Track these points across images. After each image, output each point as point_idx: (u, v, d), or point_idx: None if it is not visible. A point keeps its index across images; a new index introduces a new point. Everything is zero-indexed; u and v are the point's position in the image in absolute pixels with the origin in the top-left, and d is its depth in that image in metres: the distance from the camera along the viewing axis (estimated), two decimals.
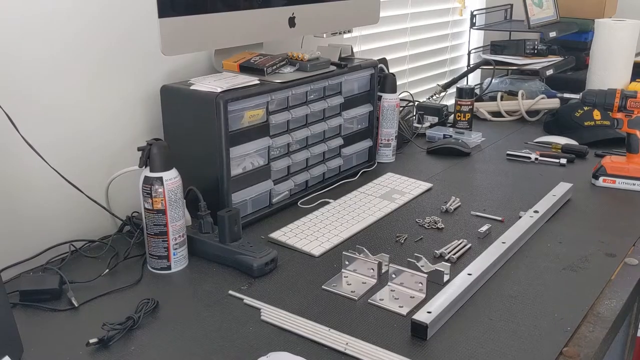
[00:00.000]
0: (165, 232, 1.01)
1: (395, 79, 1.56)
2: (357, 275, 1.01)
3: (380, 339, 0.84)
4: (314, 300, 0.94)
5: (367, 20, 1.56)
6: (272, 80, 1.20)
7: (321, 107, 1.32)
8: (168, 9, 1.06)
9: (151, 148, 0.99)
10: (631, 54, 2.01)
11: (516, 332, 0.86)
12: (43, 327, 0.88)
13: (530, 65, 2.10)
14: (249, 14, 1.21)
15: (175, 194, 1.01)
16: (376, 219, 1.22)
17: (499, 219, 1.22)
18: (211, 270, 1.04)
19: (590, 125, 1.70)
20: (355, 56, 1.48)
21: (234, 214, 1.04)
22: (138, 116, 1.21)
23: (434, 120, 1.81)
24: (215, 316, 0.90)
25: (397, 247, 1.12)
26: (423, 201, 1.32)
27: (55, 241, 1.08)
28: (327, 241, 1.12)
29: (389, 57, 1.87)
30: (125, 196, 1.19)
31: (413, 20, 2.11)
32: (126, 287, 0.98)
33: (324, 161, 1.39)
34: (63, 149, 1.10)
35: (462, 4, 2.35)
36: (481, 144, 1.70)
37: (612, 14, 2.36)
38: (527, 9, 2.12)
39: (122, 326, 0.85)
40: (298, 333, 0.85)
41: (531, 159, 1.56)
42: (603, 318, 0.90)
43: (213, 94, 1.10)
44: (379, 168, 1.52)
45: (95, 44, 1.11)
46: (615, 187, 1.36)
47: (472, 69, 2.11)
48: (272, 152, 1.24)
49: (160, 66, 1.23)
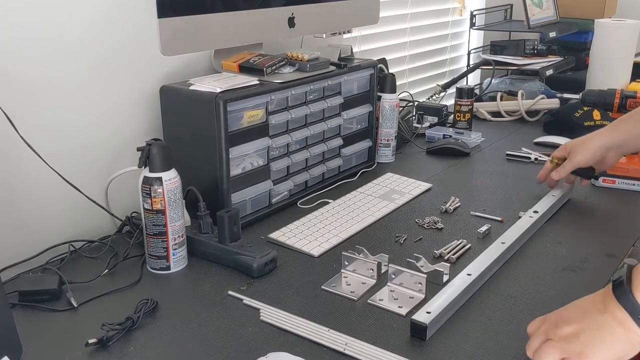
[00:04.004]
0: (164, 232, 1.01)
1: (394, 79, 1.56)
2: (356, 276, 1.01)
3: (379, 339, 0.84)
4: (314, 300, 0.94)
5: (366, 21, 1.56)
6: (271, 81, 1.20)
7: (321, 107, 1.32)
8: (167, 9, 1.06)
9: (150, 148, 0.99)
10: (631, 54, 2.01)
11: (516, 333, 0.86)
12: (42, 328, 0.88)
13: (530, 65, 2.10)
14: (249, 14, 1.21)
15: (175, 194, 1.01)
16: (376, 219, 1.22)
17: (498, 219, 1.22)
18: (210, 271, 1.04)
19: (590, 125, 1.70)
20: (354, 56, 1.48)
21: (233, 214, 1.04)
22: (137, 116, 1.21)
23: (434, 121, 1.81)
24: (214, 316, 0.90)
25: (396, 248, 1.11)
26: (422, 201, 1.32)
27: (55, 241, 1.08)
28: (327, 241, 1.12)
29: (388, 57, 1.87)
30: (125, 196, 1.19)
31: (413, 20, 2.11)
32: (125, 287, 0.98)
33: (323, 161, 1.38)
34: (62, 149, 1.10)
35: (461, 4, 2.34)
36: (481, 144, 1.70)
37: (612, 14, 2.36)
38: (526, 9, 2.12)
39: (121, 326, 0.85)
40: (297, 333, 0.85)
41: (531, 159, 1.56)
42: None
43: (212, 94, 1.10)
44: (379, 168, 1.52)
45: (94, 44, 1.11)
46: (615, 188, 1.35)
47: (471, 69, 2.11)
48: (271, 153, 1.24)
49: (159, 66, 1.23)
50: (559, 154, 1.28)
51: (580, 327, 0.70)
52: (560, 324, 0.72)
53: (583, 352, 0.69)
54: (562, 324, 0.72)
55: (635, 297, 0.65)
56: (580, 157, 1.22)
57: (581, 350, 0.69)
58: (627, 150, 1.21)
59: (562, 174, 1.25)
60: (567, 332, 0.71)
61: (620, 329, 0.67)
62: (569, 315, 0.72)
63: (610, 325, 0.67)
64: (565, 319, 0.72)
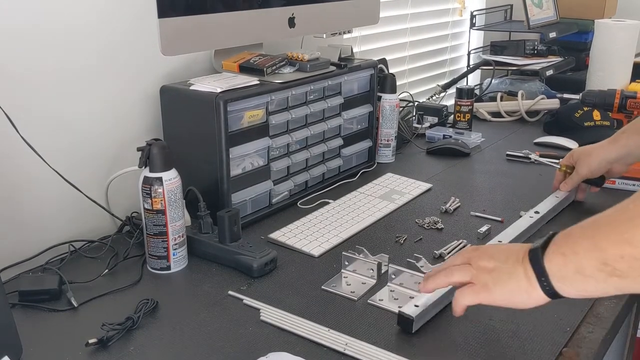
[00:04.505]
0: (164, 232, 1.01)
1: (395, 80, 1.56)
2: (356, 276, 1.01)
3: (379, 340, 0.84)
4: (314, 300, 0.94)
5: (367, 21, 1.56)
6: (271, 81, 1.20)
7: (321, 107, 1.32)
8: (168, 9, 1.06)
9: (151, 148, 0.99)
10: (631, 55, 2.01)
11: (516, 333, 0.86)
12: (42, 328, 0.88)
13: (530, 65, 2.10)
14: (249, 14, 1.21)
15: (175, 194, 1.01)
16: (376, 219, 1.22)
17: (498, 219, 1.22)
18: (211, 271, 1.04)
19: (590, 125, 1.70)
20: (355, 56, 1.48)
21: (233, 214, 1.04)
22: (137, 116, 1.21)
23: (434, 121, 1.81)
24: (214, 316, 0.90)
25: (396, 248, 1.11)
26: (423, 201, 1.32)
27: (55, 241, 1.08)
28: (327, 241, 1.12)
29: (388, 58, 1.87)
30: (125, 196, 1.19)
31: (413, 20, 2.11)
32: (126, 287, 0.98)
33: (323, 161, 1.39)
34: (62, 149, 1.10)
35: (462, 5, 2.35)
36: (481, 144, 1.70)
37: (612, 15, 2.36)
38: (527, 9, 2.12)
39: (121, 326, 0.85)
40: (297, 333, 0.85)
41: (531, 159, 1.56)
42: (602, 318, 0.90)
43: (213, 94, 1.10)
44: (379, 168, 1.52)
45: (94, 44, 1.11)
46: (615, 188, 1.35)
47: (472, 69, 2.12)
48: (271, 153, 1.24)
49: (159, 66, 1.23)
50: (567, 162, 1.30)
51: (496, 265, 0.78)
52: (483, 257, 0.80)
53: (487, 285, 0.77)
54: (485, 257, 0.79)
55: (544, 263, 0.73)
56: (585, 171, 1.25)
57: (486, 283, 0.77)
58: (632, 161, 1.23)
59: (570, 186, 1.28)
60: (485, 264, 0.79)
61: (525, 282, 0.74)
62: (494, 253, 0.80)
63: (519, 276, 0.75)
64: (490, 255, 0.79)
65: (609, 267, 0.67)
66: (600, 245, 0.68)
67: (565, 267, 0.71)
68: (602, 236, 0.68)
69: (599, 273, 0.68)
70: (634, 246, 0.65)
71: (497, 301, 0.78)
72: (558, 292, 0.73)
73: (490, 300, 0.78)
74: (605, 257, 0.67)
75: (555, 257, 0.72)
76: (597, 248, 0.68)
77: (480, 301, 0.78)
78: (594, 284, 0.69)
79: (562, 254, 0.72)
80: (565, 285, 0.72)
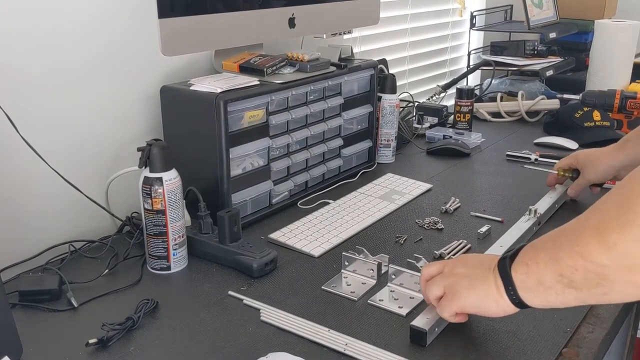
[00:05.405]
0: (164, 232, 1.01)
1: (395, 80, 1.56)
2: (356, 276, 1.01)
3: (379, 340, 0.84)
4: (314, 300, 0.94)
5: (367, 21, 1.56)
6: (272, 81, 1.20)
7: (321, 107, 1.32)
8: (168, 9, 1.06)
9: (151, 148, 0.99)
10: (631, 55, 2.01)
11: (516, 333, 0.86)
12: (42, 328, 0.88)
13: (530, 66, 2.10)
14: (249, 15, 1.21)
15: (175, 194, 1.01)
16: (376, 219, 1.22)
17: (498, 219, 1.22)
18: (211, 271, 1.04)
19: (590, 126, 1.70)
20: (355, 57, 1.48)
21: (233, 214, 1.04)
22: (138, 116, 1.22)
23: (434, 121, 1.81)
24: (214, 317, 0.90)
25: (396, 248, 1.12)
26: (423, 202, 1.32)
27: (55, 241, 1.08)
28: (327, 242, 1.12)
29: (388, 58, 1.87)
30: (125, 196, 1.19)
31: (413, 21, 2.11)
32: (126, 287, 0.98)
33: (323, 162, 1.39)
34: (62, 149, 1.10)
35: (462, 5, 2.35)
36: (481, 144, 1.70)
37: (612, 15, 2.36)
38: (527, 9, 2.12)
39: (121, 326, 0.85)
40: (297, 333, 0.85)
41: (531, 159, 1.56)
42: (602, 319, 0.90)
43: (213, 95, 1.10)
44: (379, 169, 1.52)
45: (94, 43, 1.11)
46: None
47: (472, 69, 2.12)
48: (272, 153, 1.24)
49: (160, 66, 1.23)
50: (566, 165, 1.30)
51: (469, 272, 0.80)
52: (458, 264, 0.82)
53: (458, 293, 0.79)
54: (460, 265, 0.82)
55: (511, 273, 0.74)
56: (592, 177, 1.26)
57: (458, 291, 0.79)
58: None
59: (577, 191, 1.29)
60: (458, 271, 0.81)
61: (494, 290, 0.76)
62: (469, 261, 0.82)
63: (489, 284, 0.76)
64: (465, 262, 0.82)
65: (566, 278, 0.68)
66: (557, 256, 0.68)
67: (528, 277, 0.72)
68: (559, 247, 0.69)
69: (557, 284, 0.69)
70: (584, 258, 0.65)
71: (468, 306, 0.79)
72: (524, 302, 0.74)
73: (462, 305, 0.79)
74: (561, 269, 0.68)
75: (520, 268, 0.73)
76: (554, 259, 0.69)
77: (455, 309, 0.80)
78: (555, 295, 0.70)
79: (526, 265, 0.73)
80: (530, 295, 0.73)
